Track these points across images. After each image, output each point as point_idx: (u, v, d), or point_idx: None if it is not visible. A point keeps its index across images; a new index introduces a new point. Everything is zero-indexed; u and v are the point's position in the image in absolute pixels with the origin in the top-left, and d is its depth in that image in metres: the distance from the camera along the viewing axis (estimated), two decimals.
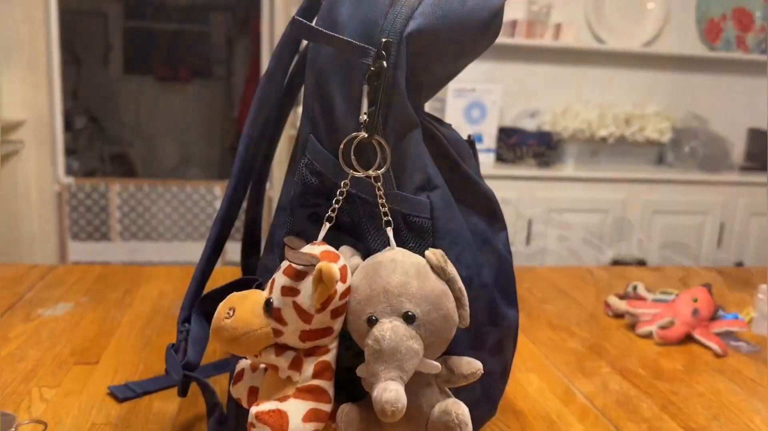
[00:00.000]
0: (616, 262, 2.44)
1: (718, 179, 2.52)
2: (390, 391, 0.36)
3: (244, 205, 0.66)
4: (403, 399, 0.36)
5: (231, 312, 0.38)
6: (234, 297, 0.39)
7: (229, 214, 0.54)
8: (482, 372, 0.40)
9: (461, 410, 0.38)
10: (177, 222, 3.06)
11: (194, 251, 3.05)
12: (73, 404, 0.60)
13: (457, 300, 0.40)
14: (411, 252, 0.41)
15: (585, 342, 0.83)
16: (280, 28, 2.76)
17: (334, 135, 0.44)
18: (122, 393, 0.62)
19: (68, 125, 3.35)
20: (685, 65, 2.76)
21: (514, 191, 2.35)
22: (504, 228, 0.52)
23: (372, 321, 0.39)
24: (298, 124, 0.53)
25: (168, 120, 5.06)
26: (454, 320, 0.40)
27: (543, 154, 2.47)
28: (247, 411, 0.46)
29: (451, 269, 0.40)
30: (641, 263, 2.45)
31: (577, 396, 0.68)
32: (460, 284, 0.40)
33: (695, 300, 0.86)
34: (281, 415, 0.37)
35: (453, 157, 0.48)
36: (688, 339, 0.84)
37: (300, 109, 0.50)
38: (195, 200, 3.07)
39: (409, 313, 0.38)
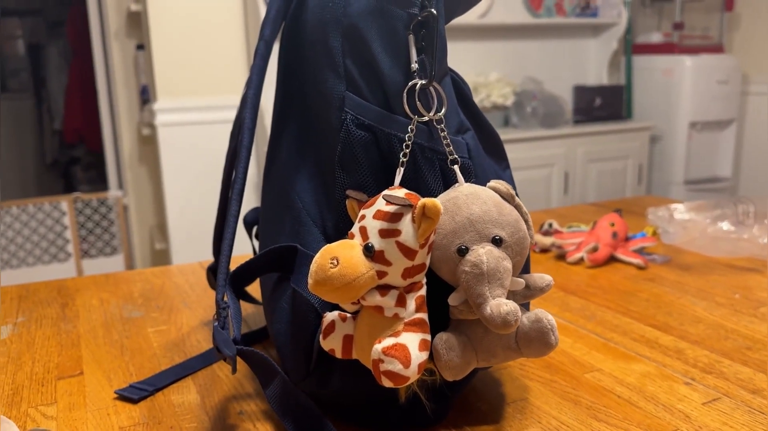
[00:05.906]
0: None
1: (557, 133, 2.79)
2: (507, 304, 0.39)
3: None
4: (519, 309, 0.39)
5: (335, 262, 0.39)
6: (331, 247, 0.40)
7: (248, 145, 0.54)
8: (553, 284, 0.45)
9: (549, 316, 0.42)
10: (38, 244, 2.78)
11: (62, 273, 2.80)
12: (84, 415, 0.56)
13: (525, 222, 0.44)
14: (478, 185, 0.45)
15: None
16: (118, 26, 2.59)
17: (378, 87, 0.45)
18: (135, 394, 0.58)
19: None
20: (516, 33, 3.00)
21: None
22: (508, 166, 0.57)
23: (463, 251, 0.41)
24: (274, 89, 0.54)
25: None
26: (528, 239, 0.44)
27: None
28: (335, 362, 0.47)
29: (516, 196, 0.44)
30: None
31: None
32: (524, 208, 0.44)
33: (612, 225, 0.97)
34: (403, 348, 0.39)
35: (470, 98, 0.51)
36: (611, 259, 0.95)
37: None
38: (40, 219, 2.81)
39: (497, 237, 0.42)
